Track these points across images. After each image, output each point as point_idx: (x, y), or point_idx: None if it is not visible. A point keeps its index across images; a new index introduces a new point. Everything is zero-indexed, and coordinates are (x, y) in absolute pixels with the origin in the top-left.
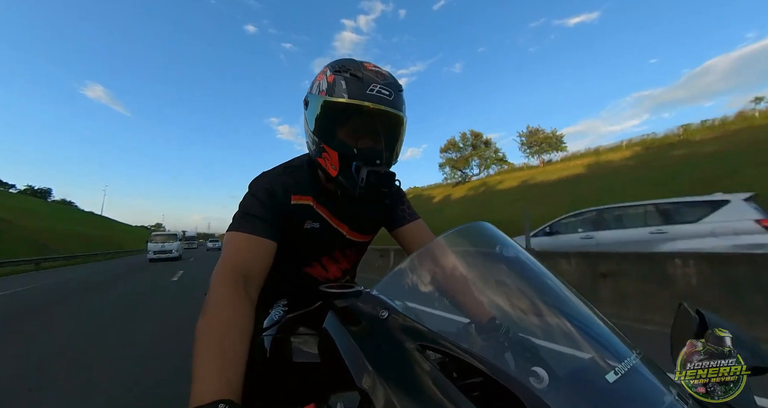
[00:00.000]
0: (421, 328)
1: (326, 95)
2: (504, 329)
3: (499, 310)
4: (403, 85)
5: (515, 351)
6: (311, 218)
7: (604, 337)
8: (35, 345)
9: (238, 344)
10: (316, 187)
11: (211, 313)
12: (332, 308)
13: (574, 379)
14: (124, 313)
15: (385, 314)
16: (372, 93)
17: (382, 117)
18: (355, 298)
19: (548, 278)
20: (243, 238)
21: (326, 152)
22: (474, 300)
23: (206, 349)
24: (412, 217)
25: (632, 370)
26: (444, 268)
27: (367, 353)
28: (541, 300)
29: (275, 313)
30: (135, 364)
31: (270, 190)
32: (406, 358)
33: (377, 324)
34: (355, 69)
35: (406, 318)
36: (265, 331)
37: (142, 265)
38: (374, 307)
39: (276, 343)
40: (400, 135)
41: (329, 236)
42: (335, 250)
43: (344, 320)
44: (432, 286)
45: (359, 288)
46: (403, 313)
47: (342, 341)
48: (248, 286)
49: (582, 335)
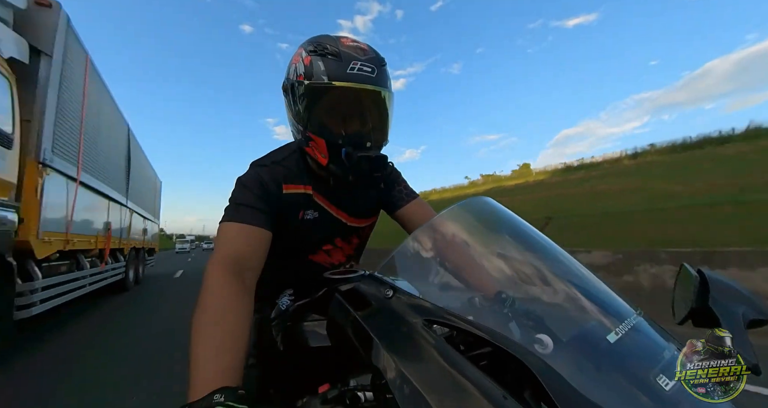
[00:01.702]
0: (425, 304)
1: (304, 79)
2: (509, 301)
3: (502, 282)
4: (386, 60)
5: (519, 320)
6: (310, 207)
7: (604, 300)
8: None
9: (236, 329)
10: (311, 176)
11: (205, 301)
12: (338, 292)
13: (577, 343)
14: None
15: (389, 293)
16: (353, 72)
17: (367, 97)
18: (358, 282)
19: (549, 246)
20: (236, 228)
21: (313, 140)
22: (477, 273)
23: (202, 337)
24: (411, 196)
25: (633, 329)
26: (446, 244)
27: (375, 331)
28: (543, 268)
29: (282, 302)
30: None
31: (260, 181)
32: (413, 333)
33: (382, 303)
34: (333, 46)
35: (411, 296)
36: (274, 321)
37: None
38: (378, 287)
39: (287, 332)
40: (388, 113)
41: (329, 225)
42: (337, 237)
43: (350, 302)
44: (435, 263)
45: (362, 271)
46: (407, 291)
47: (350, 323)
48: (243, 273)
49: (583, 299)
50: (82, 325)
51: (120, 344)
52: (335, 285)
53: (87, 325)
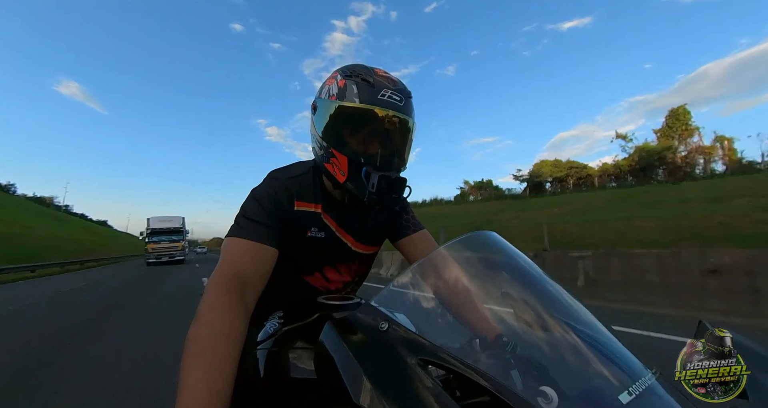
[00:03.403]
0: (422, 342)
1: (337, 99)
2: (511, 346)
3: (506, 325)
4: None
5: (522, 369)
6: (316, 226)
7: (617, 355)
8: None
9: (228, 354)
10: (323, 195)
11: (203, 321)
12: (330, 320)
13: (584, 400)
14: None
15: (384, 326)
16: (383, 98)
17: (393, 122)
18: (353, 310)
19: (557, 291)
20: (243, 245)
21: (335, 157)
22: (479, 313)
23: (194, 358)
24: (417, 226)
25: (647, 390)
26: (447, 279)
27: (366, 367)
28: (550, 315)
29: (270, 325)
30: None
31: (273, 196)
32: (407, 373)
33: (377, 336)
34: (366, 74)
35: (408, 331)
36: (259, 345)
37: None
38: (374, 318)
39: (271, 358)
40: (409, 141)
41: (334, 247)
42: (339, 261)
43: (342, 332)
44: (435, 298)
45: (358, 299)
46: (404, 325)
47: (339, 354)
48: (245, 294)
49: (594, 353)
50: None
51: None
52: (328, 311)
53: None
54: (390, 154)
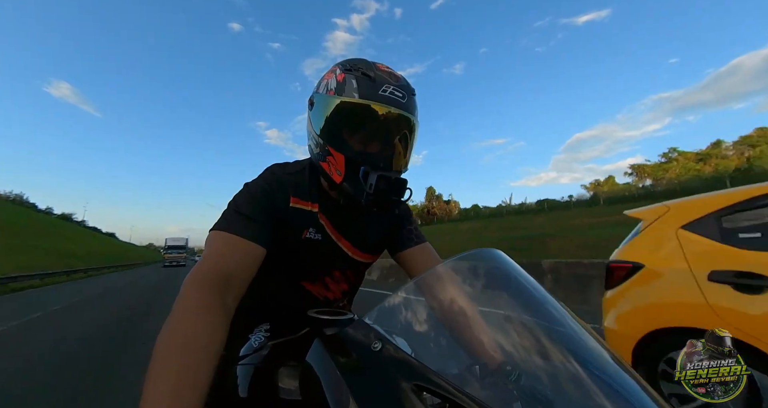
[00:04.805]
0: (418, 366)
1: (335, 94)
2: (514, 375)
3: (509, 352)
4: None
5: (526, 401)
6: (313, 227)
7: (629, 391)
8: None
9: (203, 364)
10: (321, 194)
11: (175, 323)
12: (320, 336)
13: None
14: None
15: (378, 346)
16: (384, 94)
17: (394, 120)
18: (345, 326)
19: (564, 317)
20: (228, 239)
21: (331, 155)
22: (481, 337)
23: (162, 366)
24: (419, 239)
25: None
26: (448, 298)
27: (355, 391)
28: (558, 343)
29: (255, 338)
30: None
31: (267, 189)
32: (399, 399)
33: (369, 357)
34: (367, 68)
35: (402, 352)
36: (241, 360)
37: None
38: (366, 337)
39: (253, 375)
40: (412, 140)
41: (330, 251)
42: (335, 268)
43: (332, 350)
44: (434, 318)
45: (351, 315)
46: (400, 346)
47: (327, 375)
48: (226, 295)
49: (604, 388)
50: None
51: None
52: (319, 326)
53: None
54: (390, 154)
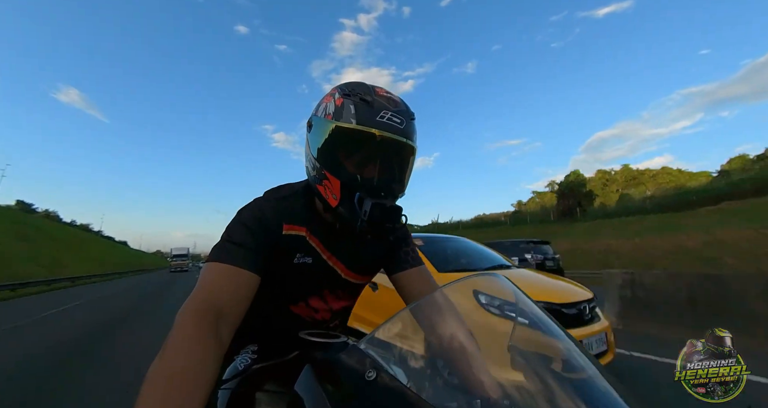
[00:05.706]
0: (415, 398)
1: (333, 119)
2: None
3: (511, 386)
4: (415, 114)
5: None
6: (302, 251)
7: None
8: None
9: (194, 397)
10: (311, 217)
11: (167, 357)
12: (310, 361)
13: None
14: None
15: (372, 375)
16: (382, 120)
17: (391, 146)
18: (338, 351)
19: (570, 348)
20: (222, 270)
21: (327, 180)
22: (481, 369)
23: (151, 397)
24: (416, 262)
25: None
26: (446, 326)
27: None
28: (564, 378)
29: (241, 360)
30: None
31: (260, 217)
32: None
33: (362, 387)
34: (366, 93)
35: (398, 383)
36: (224, 384)
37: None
38: (360, 364)
39: (235, 400)
40: (409, 166)
41: (322, 273)
42: (326, 289)
43: (322, 378)
44: (432, 346)
45: (344, 338)
46: (394, 375)
47: (316, 405)
48: (220, 326)
49: None
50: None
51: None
52: (310, 349)
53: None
54: (386, 180)
